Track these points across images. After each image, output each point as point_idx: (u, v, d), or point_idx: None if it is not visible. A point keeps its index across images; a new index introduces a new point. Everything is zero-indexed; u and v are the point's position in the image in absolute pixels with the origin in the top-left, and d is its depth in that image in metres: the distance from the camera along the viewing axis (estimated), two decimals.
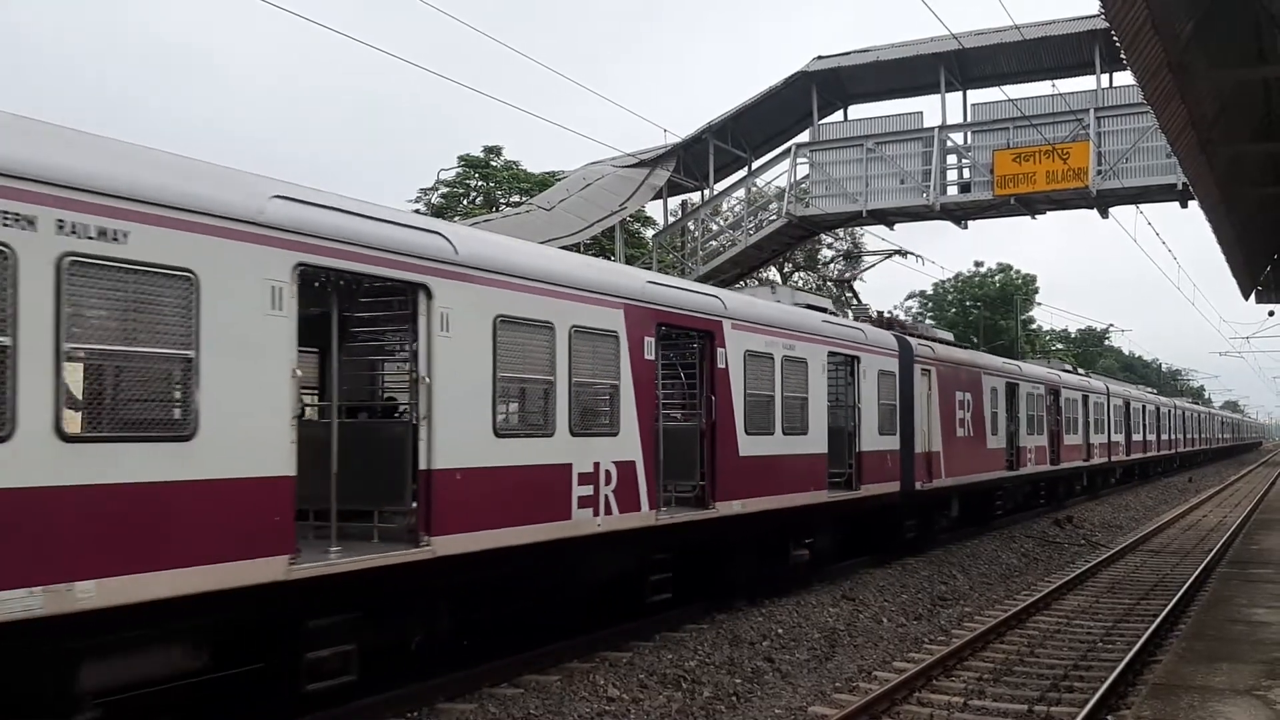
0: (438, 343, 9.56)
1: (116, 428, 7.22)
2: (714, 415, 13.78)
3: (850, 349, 17.96)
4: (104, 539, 7.00)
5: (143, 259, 7.22)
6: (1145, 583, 18.77)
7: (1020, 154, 27.40)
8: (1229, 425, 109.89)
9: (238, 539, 7.86)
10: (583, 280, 11.65)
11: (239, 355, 7.87)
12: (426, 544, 9.42)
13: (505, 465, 10.38)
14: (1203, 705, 8.73)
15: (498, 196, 45.26)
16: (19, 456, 6.54)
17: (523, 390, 11.08)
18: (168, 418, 7.61)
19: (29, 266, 6.60)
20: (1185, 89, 11.50)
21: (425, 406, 9.48)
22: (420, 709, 10.10)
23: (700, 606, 14.63)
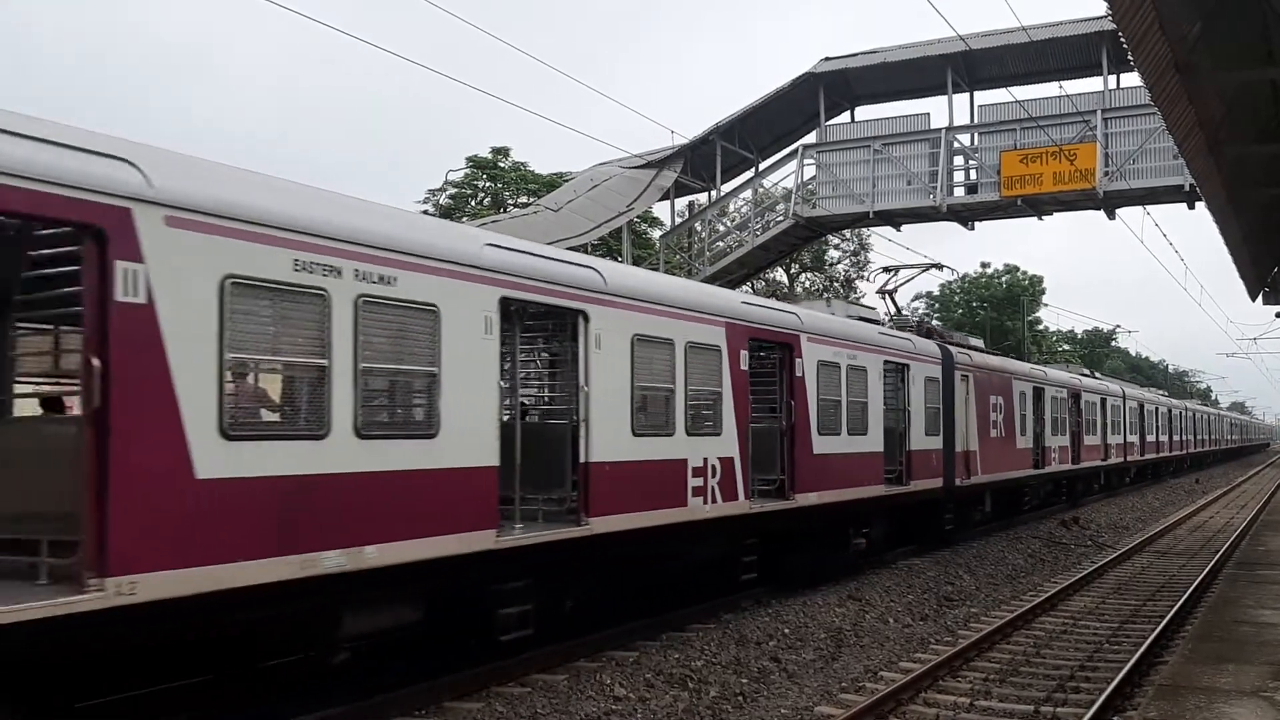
0: (593, 357, 11.59)
1: (390, 428, 9.56)
2: (793, 418, 15.75)
3: (902, 358, 19.94)
4: (381, 514, 8.96)
5: (406, 297, 9.29)
6: (1152, 584, 18.75)
7: (1027, 155, 27.39)
8: (1237, 427, 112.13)
9: (464, 515, 9.88)
10: (695, 303, 13.76)
11: (464, 370, 9.85)
12: (586, 523, 11.39)
13: (640, 460, 12.39)
14: (1209, 706, 8.74)
15: (505, 197, 45.34)
16: (333, 450, 8.55)
17: (652, 397, 12.83)
18: (421, 420, 9.73)
19: (337, 305, 8.61)
20: (1193, 90, 11.51)
21: (584, 410, 11.51)
22: (428, 707, 10.14)
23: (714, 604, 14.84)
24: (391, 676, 10.29)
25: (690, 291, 14.60)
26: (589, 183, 29.41)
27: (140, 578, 7.12)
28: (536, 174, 45.60)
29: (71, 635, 6.86)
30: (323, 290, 8.46)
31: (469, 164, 45.95)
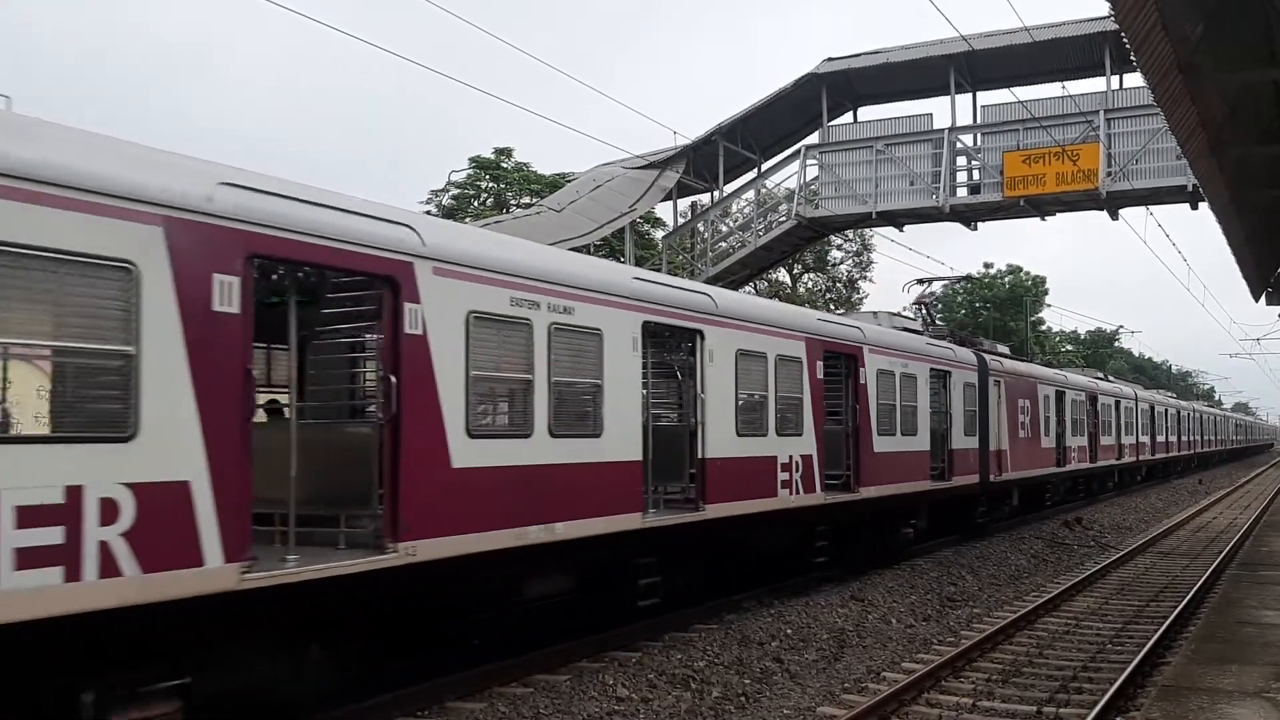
0: (707, 369, 13.71)
1: (571, 429, 11.44)
2: (857, 420, 17.86)
3: (944, 365, 22.15)
4: (564, 497, 11.14)
5: (580, 323, 11.49)
6: (1155, 584, 18.75)
7: (1030, 156, 27.36)
8: (1242, 427, 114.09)
9: (620, 500, 12.08)
10: (782, 321, 16.03)
11: (619, 381, 12.07)
12: (703, 510, 13.52)
13: (742, 456, 14.47)
14: (1212, 707, 8.74)
15: (508, 198, 45.34)
16: (535, 446, 10.83)
17: (751, 402, 14.79)
18: (590, 422, 11.79)
19: (537, 331, 10.87)
20: (1195, 90, 11.49)
21: (700, 414, 13.65)
22: (430, 707, 10.15)
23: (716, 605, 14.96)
24: (393, 676, 10.30)
25: (779, 312, 17.40)
26: (591, 183, 29.39)
27: (418, 543, 9.32)
28: (539, 174, 45.59)
29: (374, 586, 9.06)
30: (528, 320, 10.81)
31: (472, 164, 45.94)
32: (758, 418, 14.95)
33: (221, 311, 7.82)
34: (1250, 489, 49.63)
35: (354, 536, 9.38)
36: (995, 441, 24.89)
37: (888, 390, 18.96)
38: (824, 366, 16.76)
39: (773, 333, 15.41)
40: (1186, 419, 61.67)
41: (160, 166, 7.76)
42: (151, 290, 7.35)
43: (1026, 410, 27.72)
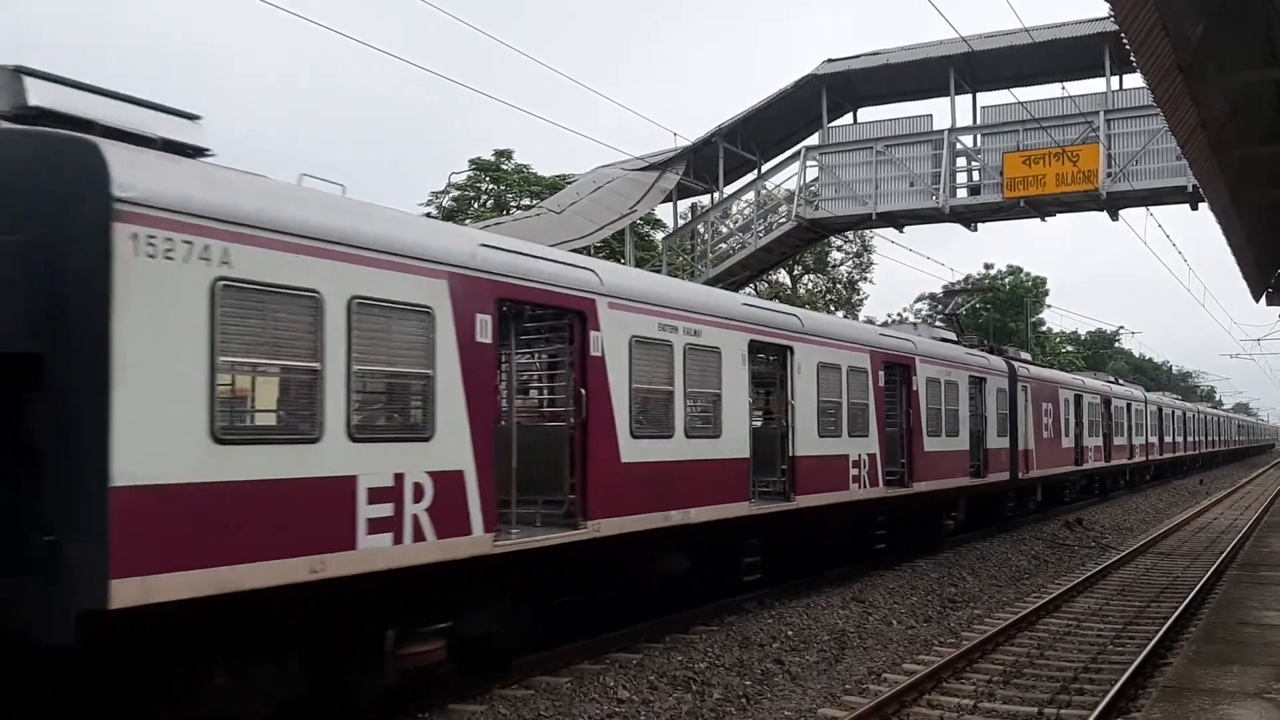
0: (795, 380, 15.99)
1: (700, 431, 13.75)
2: (910, 423, 20.08)
3: (980, 372, 24.50)
4: (695, 487, 13.39)
5: (706, 344, 13.78)
6: (1156, 585, 18.74)
7: (1030, 156, 27.37)
8: (1244, 428, 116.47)
9: (733, 490, 14.32)
10: (852, 336, 18.58)
11: (732, 391, 14.29)
12: (793, 500, 15.80)
13: (823, 454, 16.81)
14: (1213, 708, 8.73)
15: (508, 200, 45.33)
16: (675, 445, 13.15)
17: (829, 407, 17.05)
18: (712, 425, 14.01)
19: (676, 350, 13.19)
20: (1196, 91, 11.49)
21: (790, 418, 15.89)
22: (430, 710, 10.14)
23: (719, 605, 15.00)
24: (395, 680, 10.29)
25: (850, 328, 20.39)
26: (592, 184, 29.39)
27: (601, 521, 11.65)
28: (539, 176, 45.57)
29: (570, 554, 11.44)
30: (670, 342, 13.09)
31: (472, 166, 45.94)
32: (834, 421, 17.23)
33: (481, 342, 10.16)
34: (1251, 490, 49.61)
35: (548, 517, 11.64)
36: (1023, 442, 27.11)
37: (935, 396, 21.36)
38: (884, 375, 19.14)
39: (845, 347, 17.79)
40: (1192, 420, 64.24)
41: (442, 233, 10.82)
42: (441, 327, 9.66)
43: (1049, 413, 29.96)
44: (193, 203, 7.56)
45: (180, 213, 7.45)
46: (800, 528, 16.29)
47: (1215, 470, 70.83)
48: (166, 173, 7.67)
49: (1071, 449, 32.84)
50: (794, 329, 16.16)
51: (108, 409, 6.98)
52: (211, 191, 7.82)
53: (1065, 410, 31.92)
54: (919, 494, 20.26)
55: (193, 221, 7.53)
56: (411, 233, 9.71)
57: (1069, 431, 32.31)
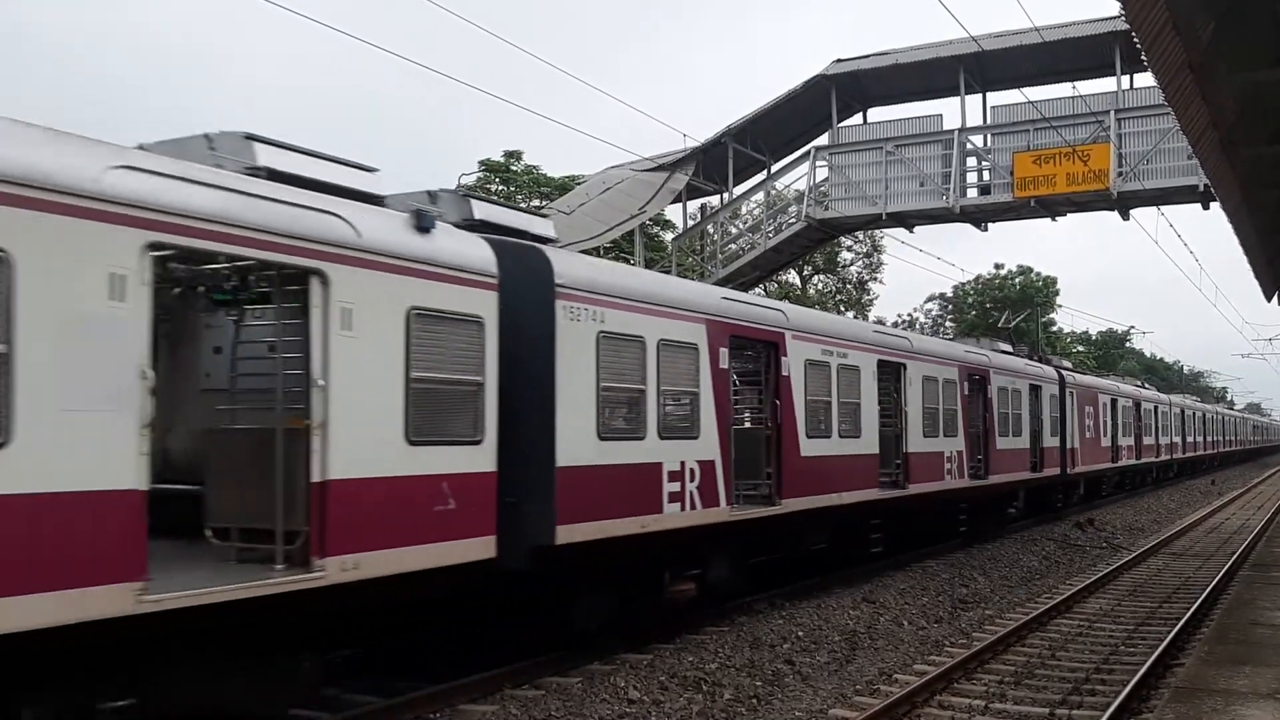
0: (908, 389, 19.63)
1: (848, 432, 17.41)
2: (986, 425, 23.75)
3: (1038, 381, 28.29)
4: (844, 477, 17.03)
5: (851, 363, 17.32)
6: (1167, 586, 18.68)
7: (1040, 156, 27.29)
8: (1259, 428, 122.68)
9: (868, 478, 18.00)
10: (945, 354, 22.41)
11: (868, 399, 18.24)
12: (907, 488, 19.49)
13: (927, 451, 20.51)
14: (1226, 709, 8.71)
15: (518, 201, 45.38)
16: (832, 444, 16.85)
17: (929, 412, 20.72)
18: (854, 427, 17.64)
19: (832, 371, 16.86)
20: (1206, 90, 11.45)
21: (905, 421, 19.49)
22: (442, 709, 10.17)
23: (722, 608, 14.96)
24: (407, 678, 10.32)
25: (946, 347, 24.10)
26: (601, 185, 29.40)
27: (790, 500, 15.42)
28: (548, 177, 45.61)
29: (768, 525, 15.27)
30: (828, 363, 16.82)
31: (481, 167, 45.99)
32: (934, 423, 20.81)
33: (722, 368, 13.96)
34: (1263, 490, 49.43)
35: (749, 497, 15.07)
36: (1070, 441, 30.77)
37: (1005, 402, 25.26)
38: (967, 385, 22.75)
39: (941, 362, 21.54)
40: (1211, 421, 69.28)
41: (701, 291, 14.83)
42: (702, 358, 13.55)
43: (1091, 415, 33.79)
44: (588, 283, 11.72)
45: (583, 290, 11.53)
46: (910, 510, 20.10)
47: (1228, 470, 70.63)
48: (574, 263, 12.11)
49: (1109, 448, 36.74)
50: (906, 349, 20.18)
51: (553, 416, 11.07)
52: (594, 274, 12.16)
53: (1103, 413, 35.78)
54: (993, 485, 24.20)
55: (588, 295, 11.61)
56: (688, 292, 14.13)
57: (1107, 432, 36.28)
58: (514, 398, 10.51)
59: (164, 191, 7.59)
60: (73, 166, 7.08)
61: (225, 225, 7.95)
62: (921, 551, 21.30)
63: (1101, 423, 35.24)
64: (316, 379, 8.57)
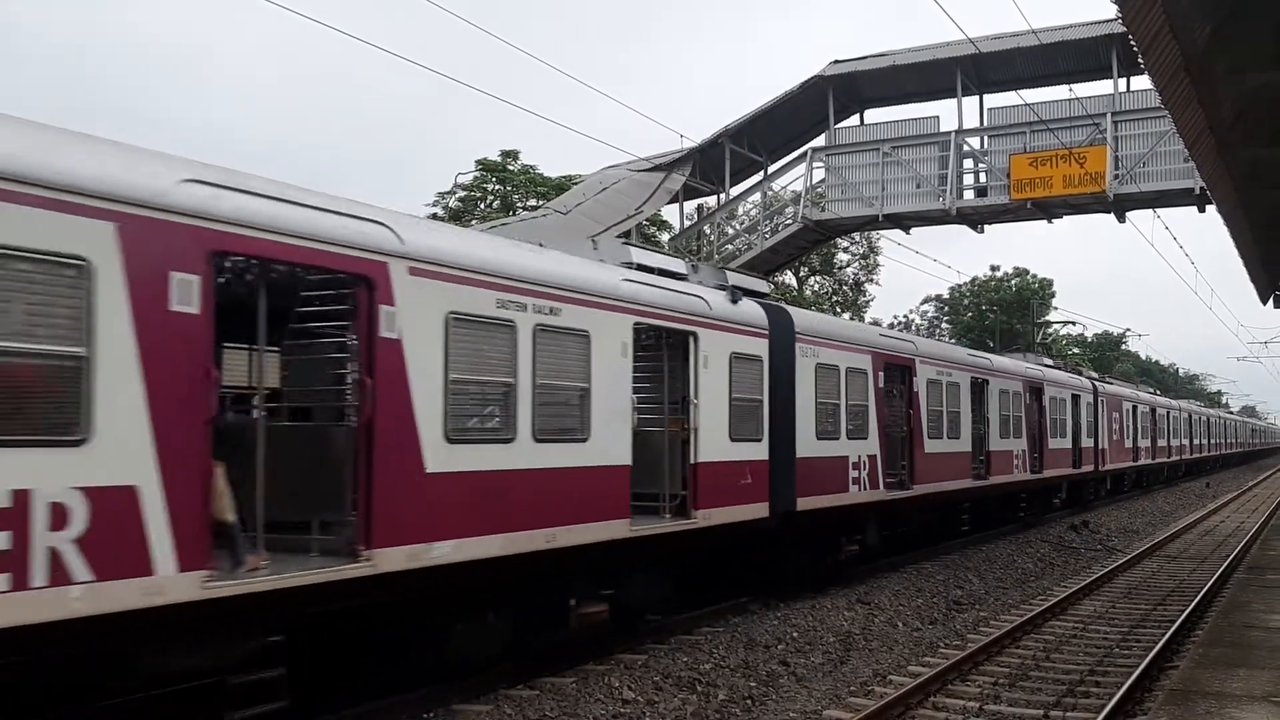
0: (989, 398, 24.06)
1: (949, 431, 21.71)
2: (1039, 428, 28.20)
3: (1078, 391, 33.06)
4: (949, 469, 21.69)
5: (954, 380, 22.26)
6: (1162, 588, 18.69)
7: (1037, 158, 27.34)
8: (1258, 432, 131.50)
9: (964, 471, 22.56)
10: (1012, 369, 26.98)
11: (962, 408, 22.62)
12: (988, 479, 23.90)
13: (1001, 450, 24.97)
14: (1220, 711, 8.71)
15: (515, 200, 45.31)
16: (941, 443, 21.09)
17: (1004, 418, 24.93)
18: (958, 430, 22.19)
19: (944, 386, 21.76)
20: (1203, 93, 11.46)
21: (985, 425, 23.78)
22: (436, 710, 10.15)
23: (722, 608, 15.03)
24: (401, 679, 10.29)
25: (1014, 364, 28.07)
26: (598, 185, 29.38)
27: (920, 486, 19.92)
28: (545, 177, 45.54)
29: (897, 506, 19.36)
30: (941, 381, 21.06)
31: (478, 167, 45.91)
32: (1009, 427, 25.54)
33: (880, 387, 18.49)
34: (1258, 493, 49.48)
35: (890, 484, 18.71)
36: (1101, 442, 35.70)
37: (1054, 408, 29.82)
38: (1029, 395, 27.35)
39: (1010, 377, 26.27)
40: (1214, 425, 75.61)
41: (870, 330, 20.75)
42: (869, 379, 18.18)
43: (1117, 420, 38.89)
44: (812, 330, 16.64)
45: (809, 335, 16.33)
46: (990, 498, 25.10)
47: (1222, 473, 70.81)
48: (805, 317, 17.34)
49: (1131, 449, 41.98)
50: (987, 368, 24.67)
51: (794, 423, 15.88)
52: (815, 323, 17.30)
53: (1127, 418, 41.09)
54: (1045, 478, 28.86)
55: (812, 339, 16.43)
56: (860, 332, 20.32)
57: (1129, 435, 41.52)
58: (774, 410, 15.16)
59: (646, 291, 12.64)
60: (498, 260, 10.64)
61: (663, 311, 12.92)
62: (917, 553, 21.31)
63: (1125, 426, 40.52)
64: (692, 399, 13.37)
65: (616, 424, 11.80)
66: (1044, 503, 30.45)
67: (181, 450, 7.37)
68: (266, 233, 8.06)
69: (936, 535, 22.43)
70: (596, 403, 11.37)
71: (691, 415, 13.27)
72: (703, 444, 13.38)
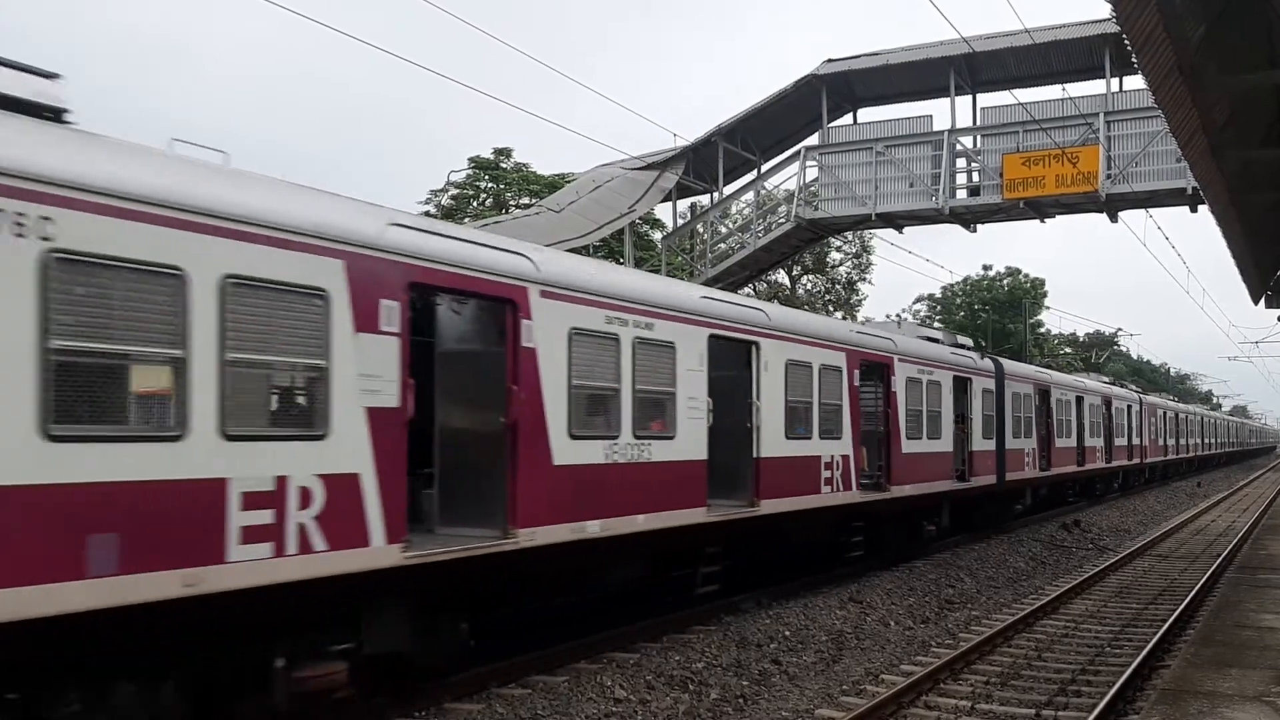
0: (1005, 405, 26.30)
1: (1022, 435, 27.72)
2: (1081, 430, 34.30)
3: (1121, 402, 41.32)
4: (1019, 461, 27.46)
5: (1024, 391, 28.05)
6: (1153, 587, 18.74)
7: (1029, 158, 27.34)
8: (1254, 432, 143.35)
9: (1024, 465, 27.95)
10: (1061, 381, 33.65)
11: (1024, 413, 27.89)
12: (1050, 471, 30.21)
13: (1060, 448, 31.22)
14: (1212, 711, 8.72)
15: (507, 199, 45.27)
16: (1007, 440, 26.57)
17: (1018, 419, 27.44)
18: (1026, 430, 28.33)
19: (1025, 399, 28.38)
20: (1196, 93, 11.47)
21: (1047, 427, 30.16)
22: (428, 708, 10.13)
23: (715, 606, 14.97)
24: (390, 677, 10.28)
25: (1073, 379, 35.74)
26: (591, 184, 29.34)
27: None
28: (538, 175, 45.50)
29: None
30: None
31: (471, 164, 45.86)
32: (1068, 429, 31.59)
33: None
34: (1249, 492, 49.65)
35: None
36: (1143, 441, 45.00)
37: (1091, 413, 35.96)
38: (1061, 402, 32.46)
39: (1092, 394, 34.52)
40: (1221, 426, 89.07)
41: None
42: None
43: (1150, 422, 47.78)
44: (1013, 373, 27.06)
45: (1014, 375, 26.97)
46: (1053, 482, 31.05)
47: (1212, 473, 71.12)
48: (1010, 365, 27.47)
49: (1162, 446, 52.32)
50: (1046, 381, 30.35)
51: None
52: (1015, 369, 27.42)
53: (1158, 421, 50.88)
54: (1089, 469, 35.97)
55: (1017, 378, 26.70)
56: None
57: (1160, 436, 51.30)
58: (998, 420, 23.63)
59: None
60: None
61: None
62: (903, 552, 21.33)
63: (1158, 429, 51.01)
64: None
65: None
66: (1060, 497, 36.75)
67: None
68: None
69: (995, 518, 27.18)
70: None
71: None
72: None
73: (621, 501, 12.08)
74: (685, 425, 13.26)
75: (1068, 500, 34.63)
